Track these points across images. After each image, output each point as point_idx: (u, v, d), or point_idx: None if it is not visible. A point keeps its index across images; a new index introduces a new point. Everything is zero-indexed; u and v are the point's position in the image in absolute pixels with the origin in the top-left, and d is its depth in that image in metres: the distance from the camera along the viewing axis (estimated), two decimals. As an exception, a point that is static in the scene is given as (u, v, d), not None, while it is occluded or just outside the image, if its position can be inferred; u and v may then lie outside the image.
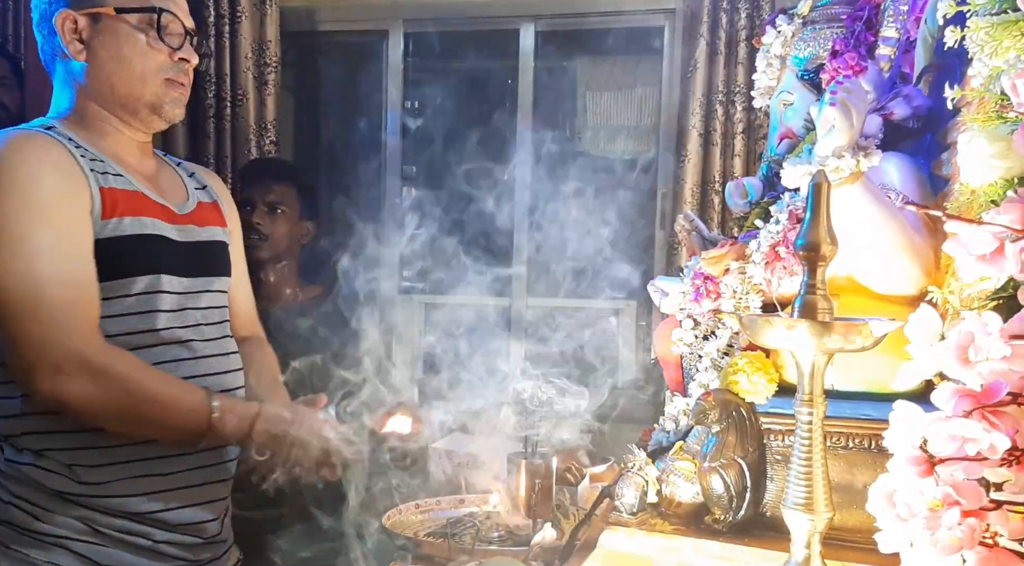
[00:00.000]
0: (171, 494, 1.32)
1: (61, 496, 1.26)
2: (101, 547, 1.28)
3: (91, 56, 1.32)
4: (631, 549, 1.17)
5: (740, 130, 2.91)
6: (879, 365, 1.10)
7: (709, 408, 1.18)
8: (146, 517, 1.30)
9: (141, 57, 1.33)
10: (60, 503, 1.26)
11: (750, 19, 2.86)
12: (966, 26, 0.96)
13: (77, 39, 1.31)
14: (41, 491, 1.26)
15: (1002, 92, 0.92)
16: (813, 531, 0.89)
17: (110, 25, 1.31)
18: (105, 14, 1.31)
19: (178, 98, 1.38)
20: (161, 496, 1.31)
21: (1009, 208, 0.84)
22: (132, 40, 1.32)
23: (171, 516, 1.32)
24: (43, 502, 1.26)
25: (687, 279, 1.44)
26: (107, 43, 1.32)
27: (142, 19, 1.33)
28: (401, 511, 1.52)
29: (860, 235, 1.16)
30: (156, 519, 1.31)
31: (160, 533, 1.32)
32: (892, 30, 1.39)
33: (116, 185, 1.29)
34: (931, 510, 0.76)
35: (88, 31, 1.31)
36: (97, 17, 1.31)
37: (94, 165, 1.28)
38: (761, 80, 1.64)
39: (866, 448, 1.14)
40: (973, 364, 0.79)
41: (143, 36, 1.32)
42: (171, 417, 1.25)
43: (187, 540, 1.35)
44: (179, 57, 1.36)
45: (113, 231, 1.27)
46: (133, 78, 1.33)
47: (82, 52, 1.32)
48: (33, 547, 1.26)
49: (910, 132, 1.39)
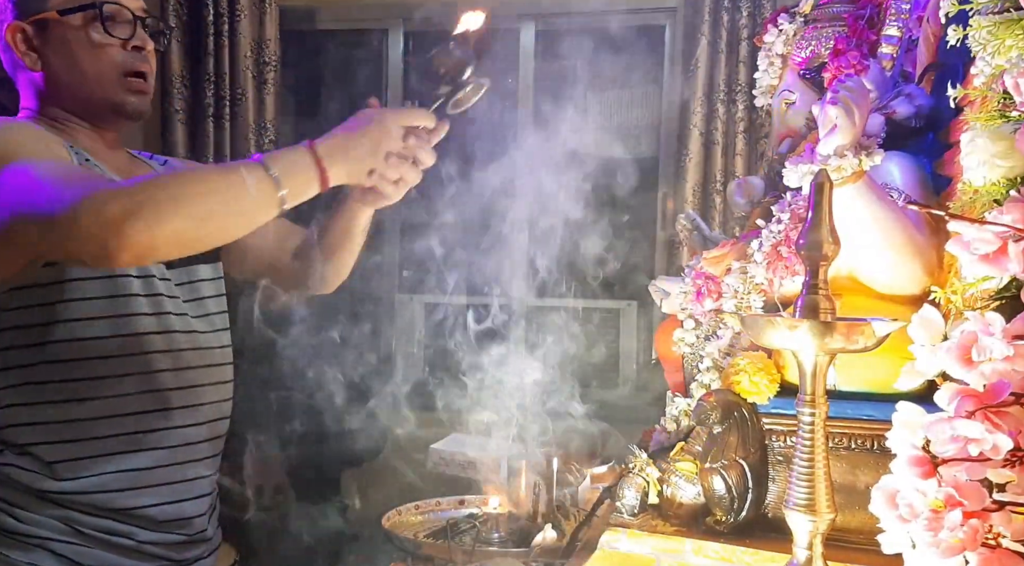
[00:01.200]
0: (154, 489, 1.30)
1: (42, 496, 1.25)
2: (83, 548, 1.26)
3: (45, 64, 1.29)
4: (632, 550, 1.17)
5: (742, 129, 2.90)
6: (881, 365, 1.10)
7: (711, 409, 1.18)
8: (129, 514, 1.28)
9: (93, 57, 1.29)
10: (41, 503, 1.25)
11: (751, 18, 2.86)
12: (968, 25, 0.96)
13: (29, 49, 1.29)
14: (21, 491, 1.24)
15: (1004, 91, 0.92)
16: (815, 532, 0.89)
17: (56, 30, 1.28)
18: (50, 19, 1.27)
19: (138, 94, 1.33)
20: (144, 492, 1.29)
21: (1012, 208, 0.84)
22: (80, 40, 1.28)
23: (155, 512, 1.30)
24: (23, 502, 1.24)
25: (688, 279, 1.43)
26: (57, 49, 1.29)
27: (86, 16, 1.28)
28: (401, 512, 1.52)
29: (862, 235, 1.16)
30: (140, 516, 1.29)
31: (143, 532, 1.30)
32: (894, 29, 1.39)
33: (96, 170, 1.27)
34: (934, 511, 0.76)
35: (38, 39, 1.28)
36: (43, 23, 1.28)
37: (76, 157, 1.26)
38: (763, 79, 1.64)
39: (868, 449, 1.13)
40: (976, 364, 0.79)
41: (91, 34, 1.28)
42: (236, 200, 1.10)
43: (171, 538, 1.33)
44: (132, 46, 1.31)
45: None
46: (89, 80, 1.29)
47: (37, 62, 1.29)
48: (13, 548, 1.24)
49: (912, 131, 1.39)
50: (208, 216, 1.08)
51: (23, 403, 1.24)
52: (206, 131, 3.15)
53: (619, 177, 3.58)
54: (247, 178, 1.09)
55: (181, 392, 1.33)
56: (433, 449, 2.12)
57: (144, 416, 1.30)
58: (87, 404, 1.26)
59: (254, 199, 1.10)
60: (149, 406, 1.30)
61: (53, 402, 1.25)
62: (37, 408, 1.24)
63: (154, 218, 1.03)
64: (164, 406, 1.31)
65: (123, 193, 1.05)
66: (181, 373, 1.33)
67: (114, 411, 1.27)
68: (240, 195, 1.09)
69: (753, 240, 1.34)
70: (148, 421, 1.30)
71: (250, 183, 1.09)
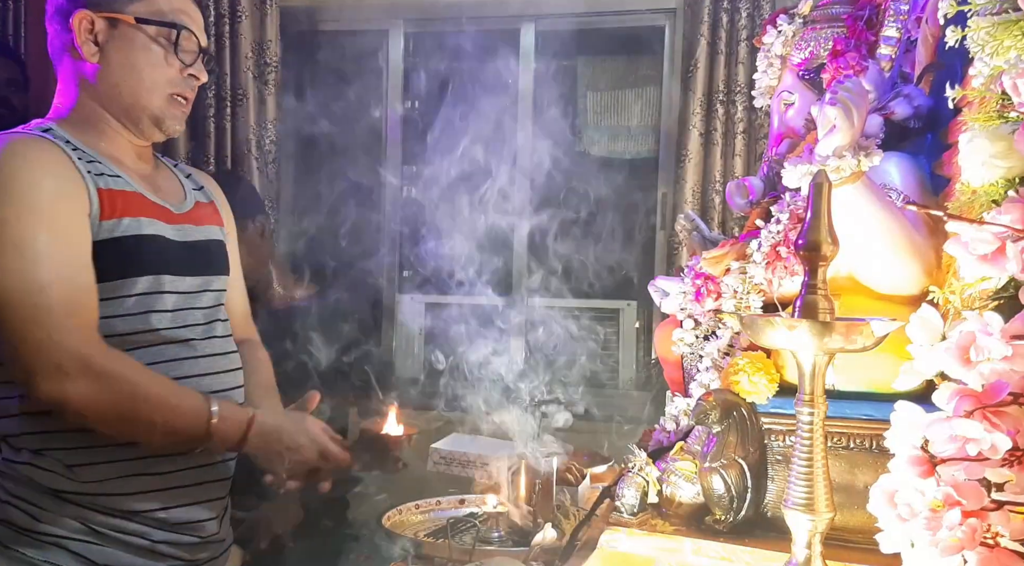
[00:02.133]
0: (168, 493, 1.32)
1: (59, 495, 1.26)
2: (99, 547, 1.28)
3: (103, 59, 1.33)
4: (632, 549, 1.17)
5: (741, 130, 2.90)
6: (880, 365, 1.10)
7: (710, 408, 1.18)
8: (144, 516, 1.30)
9: (152, 69, 1.34)
10: (58, 503, 1.26)
11: (751, 18, 2.86)
12: (967, 26, 0.96)
13: (92, 40, 1.32)
14: (39, 490, 1.26)
15: (1003, 92, 0.92)
16: (814, 531, 0.89)
17: (127, 32, 1.32)
18: (124, 21, 1.32)
19: (180, 115, 1.39)
20: (158, 495, 1.31)
21: (1010, 208, 0.84)
22: (147, 51, 1.33)
23: (168, 515, 1.32)
24: (41, 502, 1.26)
25: (688, 279, 1.44)
26: (122, 49, 1.32)
27: (160, 32, 1.34)
28: (401, 511, 1.52)
29: (861, 235, 1.16)
30: (154, 518, 1.31)
31: (158, 533, 1.31)
32: (893, 29, 1.39)
33: (114, 186, 1.30)
34: (932, 510, 0.76)
35: (104, 34, 1.32)
36: (115, 22, 1.32)
37: (91, 167, 1.28)
38: (762, 80, 1.64)
39: (867, 448, 1.13)
40: (974, 364, 0.79)
41: (158, 49, 1.34)
42: (172, 421, 1.25)
43: (185, 539, 1.35)
44: (189, 73, 1.37)
45: (112, 232, 1.27)
46: (141, 88, 1.34)
47: (96, 54, 1.32)
48: (31, 547, 1.26)
49: (911, 132, 1.39)
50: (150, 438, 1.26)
51: (38, 410, 1.25)
52: (207, 131, 3.15)
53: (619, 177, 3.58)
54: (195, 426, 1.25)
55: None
56: (433, 449, 2.12)
57: None
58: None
59: (187, 441, 1.28)
60: None
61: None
62: (52, 415, 1.25)
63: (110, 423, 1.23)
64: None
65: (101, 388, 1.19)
66: (194, 379, 1.34)
67: None
68: (183, 435, 1.27)
69: (752, 240, 1.35)
70: None
71: (195, 429, 1.25)
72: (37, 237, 1.20)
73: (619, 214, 3.56)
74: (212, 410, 1.25)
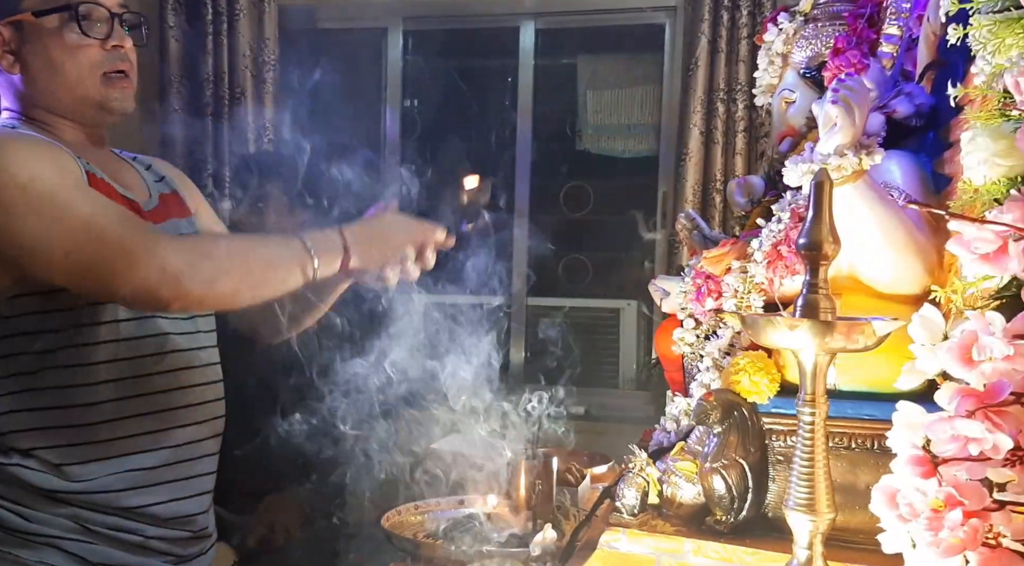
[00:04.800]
0: (158, 488, 1.31)
1: (50, 496, 1.25)
2: (91, 545, 1.27)
3: (24, 67, 1.28)
4: (632, 550, 1.17)
5: (742, 128, 2.90)
6: (882, 365, 1.10)
7: (711, 408, 1.18)
8: (136, 512, 1.30)
9: (71, 58, 1.27)
10: (49, 503, 1.25)
11: (751, 16, 2.86)
12: (969, 23, 0.96)
13: (7, 51, 1.27)
14: (30, 491, 1.25)
15: (1005, 90, 0.91)
16: (815, 532, 0.89)
17: (33, 31, 1.26)
18: (25, 21, 1.26)
19: (123, 91, 1.32)
20: (149, 491, 1.30)
21: (1012, 207, 0.84)
22: (57, 42, 1.26)
23: (159, 510, 1.32)
24: (32, 502, 1.25)
25: (688, 278, 1.43)
26: (35, 50, 1.27)
27: (61, 18, 1.26)
28: (400, 512, 1.52)
29: (862, 234, 1.16)
30: (146, 514, 1.30)
31: (150, 528, 1.31)
32: (894, 27, 1.38)
33: (96, 174, 1.27)
34: (934, 511, 0.76)
35: (15, 41, 1.27)
36: (19, 25, 1.26)
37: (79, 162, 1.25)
38: (763, 78, 1.64)
39: (869, 448, 1.13)
40: (976, 364, 0.78)
41: (69, 34, 1.26)
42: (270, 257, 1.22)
43: (176, 534, 1.35)
44: (111, 45, 1.29)
45: None
46: (69, 82, 1.28)
47: (15, 64, 1.28)
48: (23, 548, 1.24)
49: (912, 130, 1.38)
50: (257, 284, 1.21)
51: (26, 409, 1.25)
52: (205, 131, 3.15)
53: (619, 176, 3.58)
54: (292, 253, 1.21)
55: (182, 392, 1.35)
56: (433, 449, 2.12)
57: (147, 417, 1.31)
58: (91, 409, 1.26)
59: (294, 272, 1.22)
60: (152, 408, 1.31)
61: (56, 408, 1.25)
62: (40, 413, 1.24)
63: (213, 278, 1.16)
64: (167, 407, 1.33)
65: (185, 249, 1.16)
66: (180, 373, 1.34)
67: (118, 414, 1.28)
68: (286, 267, 1.21)
69: (753, 239, 1.34)
70: (151, 422, 1.31)
71: (294, 257, 1.21)
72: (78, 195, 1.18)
73: (619, 213, 3.56)
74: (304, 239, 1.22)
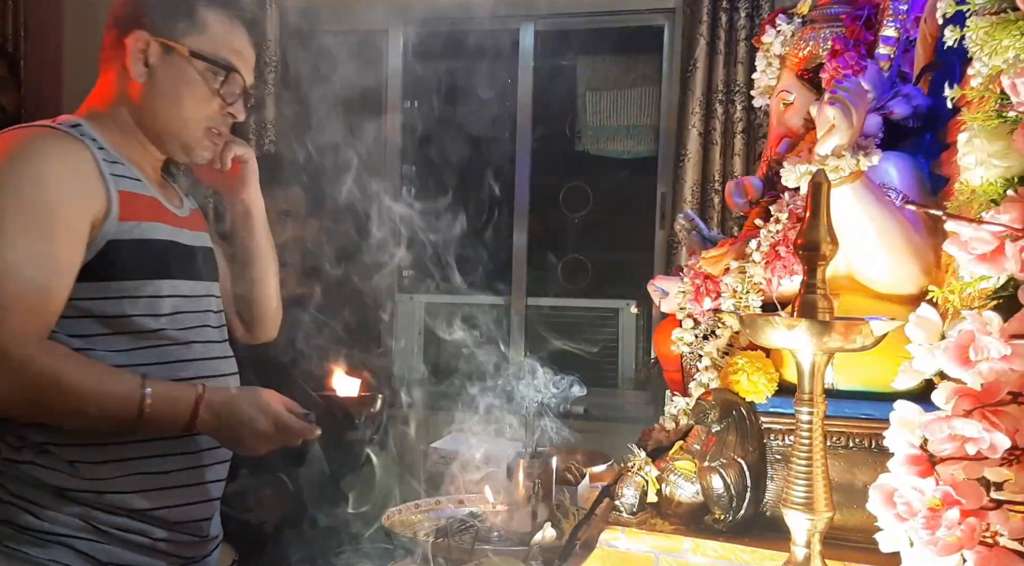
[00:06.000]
0: (169, 492, 1.33)
1: (61, 494, 1.26)
2: (101, 544, 1.28)
3: (149, 81, 1.33)
4: (631, 548, 1.17)
5: (740, 129, 2.91)
6: (879, 364, 1.10)
7: (709, 408, 1.18)
8: (145, 515, 1.31)
9: (194, 103, 1.34)
10: (60, 501, 1.26)
11: (750, 18, 2.87)
12: (966, 25, 0.96)
13: (143, 61, 1.32)
14: (42, 489, 1.26)
15: (1001, 91, 0.92)
16: (813, 531, 0.89)
17: (178, 62, 1.32)
18: (178, 50, 1.32)
19: (211, 147, 1.40)
20: (160, 494, 1.32)
21: (1009, 207, 0.84)
22: (193, 85, 1.33)
23: (169, 514, 1.33)
24: (43, 500, 1.26)
25: (687, 279, 1.44)
26: (169, 77, 1.33)
27: (209, 69, 1.34)
28: (401, 511, 1.52)
29: (860, 235, 1.16)
30: (155, 517, 1.32)
31: (159, 531, 1.32)
32: (892, 29, 1.39)
33: (134, 190, 1.32)
34: (931, 510, 0.76)
35: (156, 58, 1.32)
36: (169, 49, 1.32)
37: (114, 168, 1.29)
38: (761, 79, 1.64)
39: (866, 447, 1.14)
40: (973, 363, 0.79)
41: (204, 85, 1.34)
42: (98, 408, 1.22)
43: (184, 538, 1.36)
44: (228, 111, 1.38)
45: (130, 233, 1.28)
46: (178, 118, 1.35)
47: (143, 75, 1.32)
48: (33, 545, 1.25)
49: (910, 131, 1.39)
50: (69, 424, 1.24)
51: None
52: (205, 131, 3.15)
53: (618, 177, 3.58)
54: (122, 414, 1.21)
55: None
56: (433, 448, 2.12)
57: None
58: None
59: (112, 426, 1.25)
60: None
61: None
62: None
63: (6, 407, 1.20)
64: None
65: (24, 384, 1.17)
66: (199, 381, 1.34)
67: None
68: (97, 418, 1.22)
69: (751, 240, 1.35)
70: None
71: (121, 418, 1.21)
72: (17, 231, 1.19)
73: (618, 213, 3.57)
74: (146, 392, 1.22)
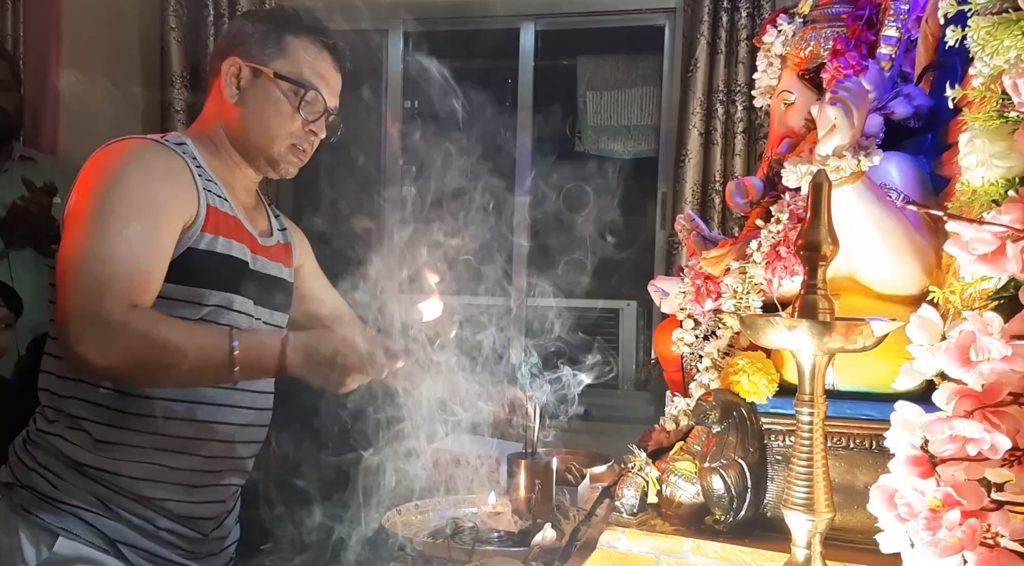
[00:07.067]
0: (176, 487, 1.41)
1: (80, 469, 1.36)
2: (109, 521, 1.37)
3: (240, 102, 1.46)
4: (631, 549, 1.17)
5: (741, 129, 2.91)
6: (880, 365, 1.10)
7: (710, 408, 1.18)
8: (151, 502, 1.39)
9: (279, 121, 1.47)
10: (78, 476, 1.36)
11: (751, 18, 2.86)
12: (967, 25, 0.96)
13: (235, 85, 1.46)
14: (63, 462, 1.36)
15: (1003, 91, 0.92)
16: (814, 532, 0.89)
17: (265, 84, 1.46)
18: (265, 73, 1.45)
19: (296, 162, 1.53)
20: (166, 487, 1.40)
21: (1010, 208, 0.84)
22: (277, 104, 1.46)
23: (174, 507, 1.41)
24: (63, 472, 1.36)
25: (687, 279, 1.44)
26: (257, 97, 1.46)
27: (292, 89, 1.46)
28: (401, 511, 1.52)
29: (861, 235, 1.16)
30: (159, 507, 1.40)
31: (163, 520, 1.41)
32: (893, 29, 1.39)
33: (220, 207, 1.43)
34: (932, 510, 0.76)
35: (247, 81, 1.46)
36: (258, 73, 1.46)
37: (207, 184, 1.42)
38: (762, 79, 1.64)
39: (867, 448, 1.13)
40: (974, 364, 0.79)
41: (287, 104, 1.46)
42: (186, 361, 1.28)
43: (186, 532, 1.44)
44: (310, 129, 1.50)
45: (208, 245, 1.39)
46: (265, 135, 1.47)
47: (235, 96, 1.46)
48: (48, 512, 1.35)
49: (911, 131, 1.39)
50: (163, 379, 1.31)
51: (89, 381, 1.36)
52: (206, 131, 3.15)
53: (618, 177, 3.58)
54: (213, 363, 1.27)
55: (232, 410, 1.45)
56: (433, 448, 2.12)
57: (189, 424, 1.40)
58: (143, 401, 1.36)
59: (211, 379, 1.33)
60: (198, 416, 1.41)
61: (117, 391, 1.36)
62: (103, 391, 1.36)
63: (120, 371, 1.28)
64: (212, 420, 1.43)
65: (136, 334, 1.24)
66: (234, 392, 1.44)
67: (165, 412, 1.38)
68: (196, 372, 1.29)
69: (752, 240, 1.35)
70: (192, 428, 1.40)
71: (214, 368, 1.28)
72: (126, 221, 1.29)
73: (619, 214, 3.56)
74: (234, 344, 1.28)
